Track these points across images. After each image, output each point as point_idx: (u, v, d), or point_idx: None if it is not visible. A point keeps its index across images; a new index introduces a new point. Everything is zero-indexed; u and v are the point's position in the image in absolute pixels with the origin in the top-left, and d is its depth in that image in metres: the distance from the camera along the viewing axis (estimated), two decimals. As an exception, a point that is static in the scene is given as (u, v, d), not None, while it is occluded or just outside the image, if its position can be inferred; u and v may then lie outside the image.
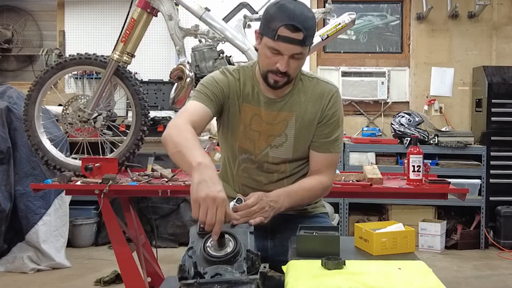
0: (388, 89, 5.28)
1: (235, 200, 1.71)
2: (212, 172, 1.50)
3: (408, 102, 5.35)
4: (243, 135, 1.95)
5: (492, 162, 4.74)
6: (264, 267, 1.41)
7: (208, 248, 1.46)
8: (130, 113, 4.24)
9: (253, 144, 1.95)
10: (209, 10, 3.07)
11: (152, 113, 4.12)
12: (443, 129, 4.96)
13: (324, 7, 3.35)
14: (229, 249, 1.45)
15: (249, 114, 1.93)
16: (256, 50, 1.89)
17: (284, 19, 1.72)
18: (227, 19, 3.16)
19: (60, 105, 3.61)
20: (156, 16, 3.08)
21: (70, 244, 4.42)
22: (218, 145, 2.86)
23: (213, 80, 1.90)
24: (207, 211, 1.42)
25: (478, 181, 4.66)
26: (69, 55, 3.05)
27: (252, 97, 1.93)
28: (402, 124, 4.81)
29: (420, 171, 2.74)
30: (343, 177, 2.84)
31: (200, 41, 3.10)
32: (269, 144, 1.94)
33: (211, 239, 1.47)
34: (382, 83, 5.26)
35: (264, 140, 1.94)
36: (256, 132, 1.94)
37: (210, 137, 2.99)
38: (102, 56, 3.03)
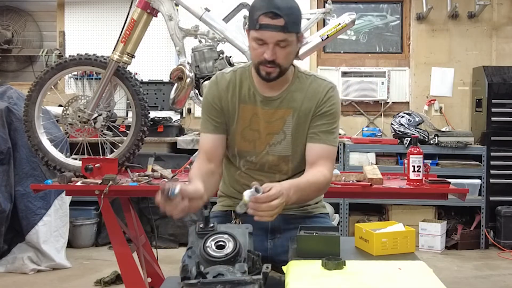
0: (388, 89, 5.28)
1: (253, 189, 1.58)
2: None
3: (408, 102, 5.35)
4: (241, 138, 1.95)
5: (492, 162, 4.73)
6: (267, 267, 1.41)
7: (208, 248, 1.46)
8: (130, 114, 4.23)
9: (253, 144, 1.95)
10: (209, 11, 3.07)
11: (152, 114, 4.11)
12: (443, 129, 4.95)
13: (324, 7, 3.35)
14: (229, 250, 1.46)
15: (248, 114, 1.94)
16: None
17: (263, 8, 1.77)
18: (227, 19, 3.16)
19: (60, 105, 3.62)
20: (156, 16, 3.08)
21: (70, 244, 4.41)
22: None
23: (207, 102, 1.97)
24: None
25: (478, 181, 4.66)
26: (69, 56, 3.05)
27: (248, 97, 1.94)
28: (402, 124, 4.81)
29: (420, 171, 2.74)
30: (343, 177, 2.84)
31: (200, 41, 3.10)
32: (268, 142, 1.94)
33: (210, 239, 1.48)
34: (382, 83, 5.26)
35: (264, 139, 1.94)
36: (256, 132, 1.94)
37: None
38: (102, 56, 3.03)
